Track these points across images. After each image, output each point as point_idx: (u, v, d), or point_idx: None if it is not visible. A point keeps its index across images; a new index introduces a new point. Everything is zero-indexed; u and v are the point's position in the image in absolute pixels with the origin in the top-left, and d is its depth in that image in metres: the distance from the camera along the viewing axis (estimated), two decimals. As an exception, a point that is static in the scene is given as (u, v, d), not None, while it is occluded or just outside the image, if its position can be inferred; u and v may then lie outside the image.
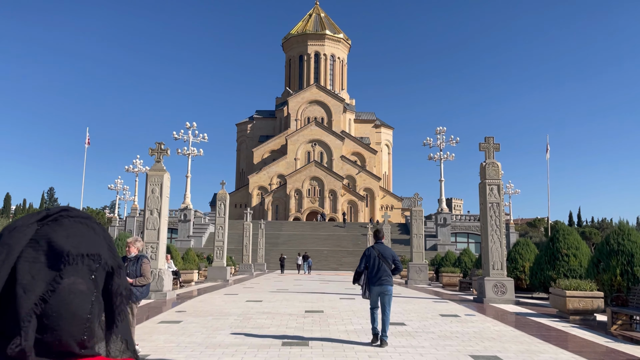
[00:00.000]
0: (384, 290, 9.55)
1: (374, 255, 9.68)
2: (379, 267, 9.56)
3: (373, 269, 9.60)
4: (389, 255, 9.71)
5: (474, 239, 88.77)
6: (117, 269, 1.03)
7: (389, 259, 9.65)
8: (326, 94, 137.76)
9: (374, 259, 9.64)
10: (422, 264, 30.35)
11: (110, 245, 1.06)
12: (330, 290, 22.38)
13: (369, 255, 9.76)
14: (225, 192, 31.05)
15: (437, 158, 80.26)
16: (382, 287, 9.55)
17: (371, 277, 9.63)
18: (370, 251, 9.82)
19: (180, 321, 12.09)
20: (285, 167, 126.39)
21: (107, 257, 1.03)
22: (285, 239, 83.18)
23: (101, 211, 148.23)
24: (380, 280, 9.55)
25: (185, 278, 26.28)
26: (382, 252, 9.69)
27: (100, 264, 1.00)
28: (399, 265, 9.88)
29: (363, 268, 9.82)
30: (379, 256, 9.63)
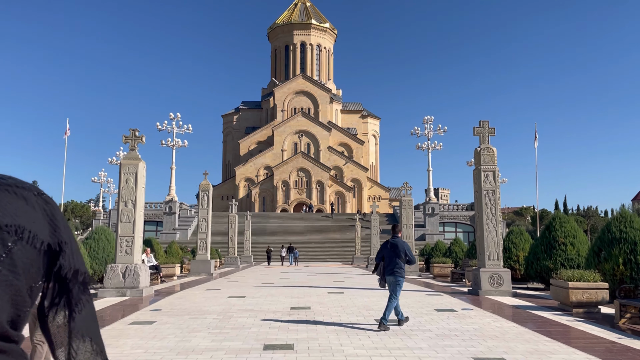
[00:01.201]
0: (395, 280, 10.52)
1: (388, 248, 10.67)
2: (391, 259, 10.52)
3: (387, 261, 10.60)
4: (402, 248, 10.54)
5: (462, 229, 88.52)
6: (62, 247, 0.88)
7: (402, 252, 10.50)
8: (312, 85, 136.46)
9: (388, 251, 10.63)
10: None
11: (52, 221, 0.89)
12: (318, 284, 21.43)
13: (384, 248, 10.82)
14: (208, 182, 29.89)
15: (425, 147, 79.65)
16: (394, 277, 10.52)
17: (386, 268, 10.62)
18: (385, 245, 10.87)
19: (153, 322, 11.04)
20: (272, 158, 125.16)
21: (39, 232, 0.86)
22: (273, 231, 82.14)
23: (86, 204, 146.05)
24: (392, 271, 10.52)
25: (167, 272, 25.16)
26: (396, 245, 10.59)
27: (22, 238, 0.82)
28: (412, 258, 10.76)
29: (379, 260, 10.87)
30: (392, 249, 10.56)
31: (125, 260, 16.20)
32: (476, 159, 17.52)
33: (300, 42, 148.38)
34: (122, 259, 16.26)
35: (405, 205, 29.90)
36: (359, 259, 54.67)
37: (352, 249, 67.35)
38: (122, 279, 15.95)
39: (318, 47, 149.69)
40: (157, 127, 78.60)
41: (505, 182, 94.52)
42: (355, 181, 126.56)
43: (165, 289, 18.99)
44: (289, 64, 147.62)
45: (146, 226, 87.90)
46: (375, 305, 13.81)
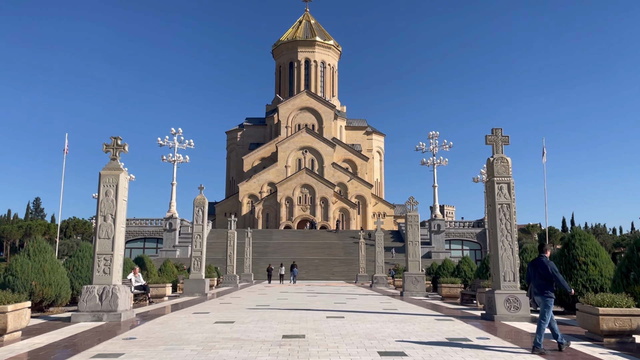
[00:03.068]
0: (543, 301, 10.35)
1: (535, 267, 10.66)
2: (538, 280, 10.50)
3: (535, 281, 10.56)
4: (544, 267, 10.46)
5: (469, 246, 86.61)
6: None
7: (543, 271, 10.43)
8: (317, 101, 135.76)
9: (535, 271, 10.62)
10: (418, 273, 27.84)
11: None
12: (317, 306, 19.81)
13: (530, 267, 10.90)
14: (203, 197, 28.46)
15: (430, 163, 78.19)
16: (542, 298, 10.38)
17: (534, 289, 10.57)
18: (531, 264, 10.87)
19: (120, 354, 9.50)
20: (275, 174, 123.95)
21: None
22: (275, 248, 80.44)
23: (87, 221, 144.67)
24: (540, 292, 10.42)
25: (157, 292, 23.59)
26: (538, 265, 10.59)
27: None
28: (557, 277, 10.43)
29: (528, 281, 10.91)
30: (538, 269, 10.52)
31: (103, 281, 14.70)
32: (489, 169, 16.01)
33: (305, 59, 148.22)
34: (100, 279, 14.75)
35: (411, 221, 28.31)
36: (363, 277, 52.87)
37: (356, 267, 65.51)
38: (98, 301, 14.43)
39: (322, 63, 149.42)
40: (159, 142, 77.57)
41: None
42: (360, 198, 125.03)
43: (149, 312, 17.42)
44: (293, 80, 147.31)
45: (147, 243, 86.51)
46: (379, 333, 12.22)
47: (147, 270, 29.24)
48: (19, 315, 11.50)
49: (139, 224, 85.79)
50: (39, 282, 16.77)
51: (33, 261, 17.14)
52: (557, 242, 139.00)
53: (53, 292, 17.12)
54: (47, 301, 17.11)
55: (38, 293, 16.72)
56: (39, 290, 16.70)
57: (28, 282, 16.65)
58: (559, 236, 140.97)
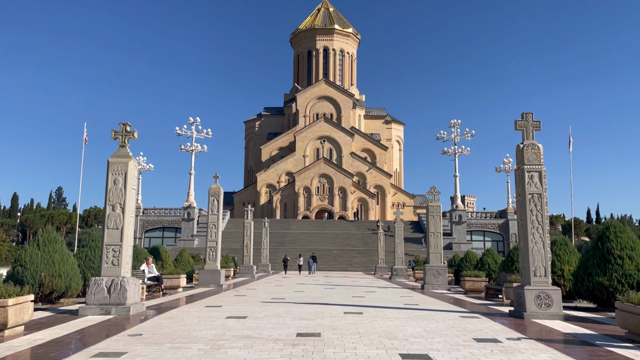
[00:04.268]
0: None
1: None
2: None
3: None
4: None
5: (491, 238, 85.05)
6: None
7: None
8: (335, 90, 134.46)
9: None
10: (440, 266, 26.90)
11: None
12: (335, 300, 19.05)
13: None
14: (218, 186, 27.83)
15: (452, 152, 76.67)
16: None
17: None
18: None
19: (123, 353, 8.85)
20: (293, 164, 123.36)
21: None
22: (293, 238, 79.95)
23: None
24: None
25: (171, 284, 23.08)
26: None
27: None
28: None
29: None
30: None
31: (112, 273, 14.11)
32: (518, 157, 14.98)
33: (323, 48, 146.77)
34: (108, 271, 14.17)
35: (433, 212, 27.30)
36: (382, 269, 52.03)
37: (375, 258, 64.65)
38: (106, 294, 13.85)
39: (341, 52, 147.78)
40: (177, 131, 77.42)
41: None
42: (379, 188, 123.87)
43: (161, 305, 16.84)
44: (311, 69, 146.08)
45: (165, 232, 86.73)
46: (400, 332, 11.39)
47: (162, 261, 28.81)
48: (21, 310, 10.93)
49: (158, 214, 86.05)
50: (49, 273, 16.29)
51: (42, 251, 16.66)
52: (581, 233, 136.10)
53: (63, 284, 16.63)
54: (57, 293, 16.64)
55: (47, 284, 16.24)
56: (48, 282, 16.22)
57: (37, 273, 16.18)
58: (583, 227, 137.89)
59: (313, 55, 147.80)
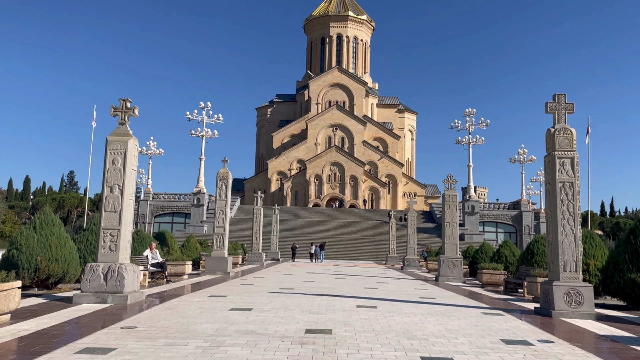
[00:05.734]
0: None
1: None
2: None
3: None
4: None
5: (504, 229, 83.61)
6: None
7: None
8: (348, 77, 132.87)
9: None
10: (456, 257, 25.81)
11: None
12: (346, 292, 18.08)
13: None
14: (227, 170, 26.87)
15: (466, 142, 75.10)
16: None
17: None
18: None
19: (112, 349, 7.92)
20: (305, 152, 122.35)
21: None
22: (303, 226, 79.15)
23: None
24: None
25: (176, 270, 22.25)
26: None
27: None
28: None
29: None
30: None
31: (109, 259, 13.21)
32: (549, 142, 13.80)
33: (337, 35, 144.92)
34: (105, 256, 13.27)
35: (449, 201, 26.16)
36: (393, 258, 51.04)
37: (386, 248, 63.66)
38: (102, 281, 12.97)
39: (355, 39, 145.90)
40: (187, 116, 76.60)
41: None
42: (390, 177, 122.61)
43: (163, 293, 15.97)
44: (324, 56, 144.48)
45: (175, 218, 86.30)
46: (419, 330, 10.36)
47: (169, 246, 28.05)
48: (6, 297, 10.06)
49: (168, 199, 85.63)
50: (45, 258, 15.47)
51: (39, 235, 15.84)
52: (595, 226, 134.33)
53: (60, 269, 15.81)
54: (53, 278, 15.83)
55: (44, 269, 15.43)
56: (44, 266, 15.41)
57: (33, 257, 15.37)
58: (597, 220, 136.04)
59: (326, 42, 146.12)
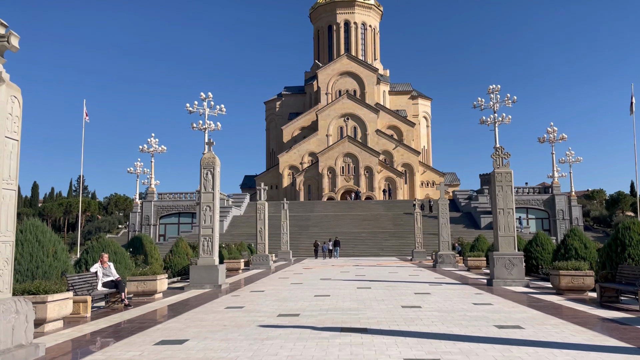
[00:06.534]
0: None
1: None
2: None
3: None
4: None
5: (535, 215, 77.00)
6: None
7: None
8: (358, 65, 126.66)
9: None
10: (514, 254, 19.79)
11: None
12: (378, 318, 12.17)
13: None
14: (212, 155, 21.11)
15: (491, 122, 68.63)
16: None
17: None
18: None
19: None
20: (316, 144, 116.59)
21: None
22: (317, 222, 73.30)
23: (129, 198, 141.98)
24: None
25: (145, 288, 16.52)
26: None
27: None
28: None
29: None
30: None
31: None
32: None
33: (344, 21, 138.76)
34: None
35: (502, 181, 20.10)
36: (419, 254, 45.01)
37: (410, 241, 57.64)
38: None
39: (363, 25, 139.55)
40: (187, 108, 71.08)
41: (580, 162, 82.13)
42: (407, 166, 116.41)
43: (82, 340, 10.24)
44: (332, 44, 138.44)
45: (181, 218, 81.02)
46: None
47: (147, 254, 22.40)
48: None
49: (173, 199, 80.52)
50: None
51: None
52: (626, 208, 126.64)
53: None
54: None
55: None
56: None
57: None
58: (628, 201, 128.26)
59: (334, 29, 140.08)
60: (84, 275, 14.07)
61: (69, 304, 11.27)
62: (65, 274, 13.28)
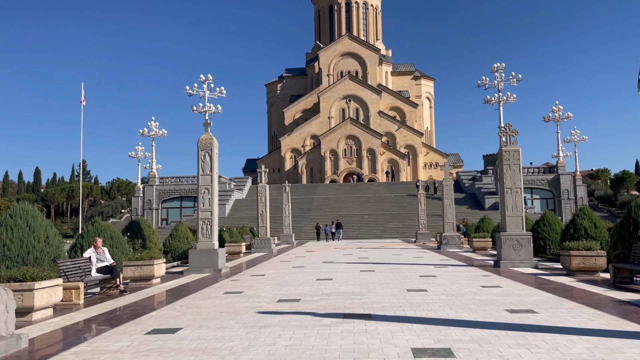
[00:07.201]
0: None
1: None
2: None
3: None
4: None
5: (539, 195, 76.23)
6: None
7: None
8: (360, 45, 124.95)
9: None
10: (522, 234, 19.20)
11: None
12: (383, 303, 11.65)
13: None
14: (210, 136, 20.45)
15: (495, 101, 67.47)
16: None
17: None
18: None
19: None
20: (318, 126, 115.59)
21: None
22: (319, 204, 72.83)
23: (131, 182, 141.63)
24: None
25: (142, 274, 16.03)
26: None
27: None
28: None
29: None
30: None
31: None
32: None
33: (345, 1, 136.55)
34: None
35: (510, 159, 19.43)
36: (423, 235, 44.51)
37: (413, 223, 57.18)
38: None
39: (364, 5, 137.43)
40: (187, 91, 70.15)
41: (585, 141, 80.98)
42: (410, 148, 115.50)
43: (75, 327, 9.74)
44: (333, 25, 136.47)
45: (183, 202, 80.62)
46: None
47: (145, 239, 21.91)
48: None
49: (175, 183, 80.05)
50: None
51: None
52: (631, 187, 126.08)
53: None
54: None
55: None
56: None
57: None
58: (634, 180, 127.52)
59: (334, 9, 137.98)
60: (76, 261, 13.56)
61: (59, 291, 10.76)
62: (57, 260, 12.77)
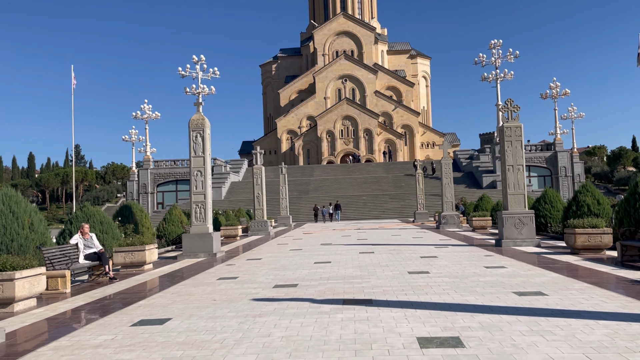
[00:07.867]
0: None
1: None
2: None
3: None
4: None
5: (537, 172, 75.83)
6: None
7: None
8: (355, 24, 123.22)
9: None
10: (524, 212, 18.72)
11: None
12: (384, 287, 11.14)
13: None
14: (202, 116, 19.78)
15: (492, 78, 66.78)
16: None
17: None
18: None
19: None
20: (314, 107, 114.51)
21: None
22: (317, 186, 72.33)
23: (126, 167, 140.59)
24: None
25: (133, 260, 15.49)
26: None
27: None
28: None
29: None
30: None
31: None
32: None
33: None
34: None
35: (511, 135, 18.84)
36: (422, 215, 44.13)
37: (411, 203, 56.82)
38: None
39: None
40: (180, 72, 69.01)
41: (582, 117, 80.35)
42: (406, 127, 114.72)
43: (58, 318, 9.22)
44: (328, 3, 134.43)
45: (179, 186, 79.92)
46: None
47: (137, 224, 21.34)
48: None
49: (170, 166, 79.27)
50: None
51: None
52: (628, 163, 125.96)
53: None
54: None
55: None
56: None
57: None
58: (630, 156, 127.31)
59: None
60: (62, 248, 13.00)
61: (42, 280, 10.20)
62: (42, 247, 12.20)
